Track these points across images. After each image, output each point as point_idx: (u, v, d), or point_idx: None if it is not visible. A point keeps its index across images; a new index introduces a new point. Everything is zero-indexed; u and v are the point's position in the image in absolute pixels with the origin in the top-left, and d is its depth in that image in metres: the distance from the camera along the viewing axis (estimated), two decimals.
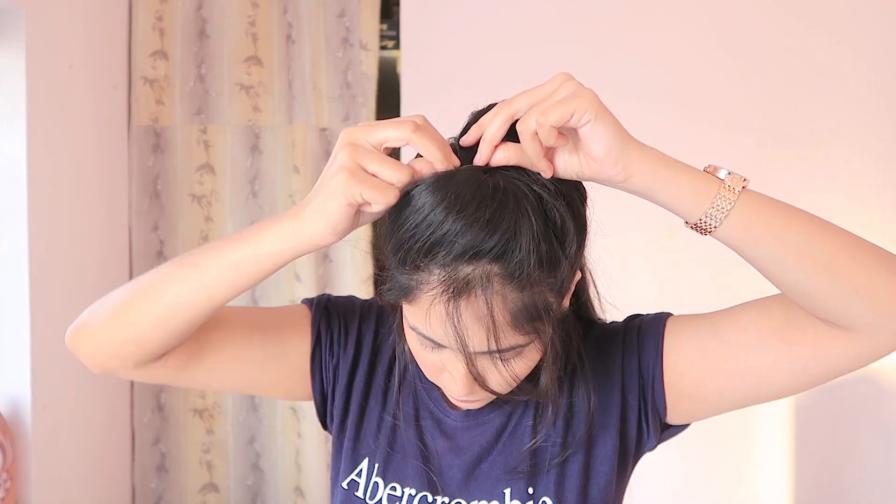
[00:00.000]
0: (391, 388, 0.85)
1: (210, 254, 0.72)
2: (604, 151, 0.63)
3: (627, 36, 2.21)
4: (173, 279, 0.73)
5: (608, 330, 0.84)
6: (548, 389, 0.77)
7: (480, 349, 0.67)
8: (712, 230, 0.65)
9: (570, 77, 0.64)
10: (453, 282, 0.64)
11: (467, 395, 0.73)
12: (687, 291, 2.17)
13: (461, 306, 0.65)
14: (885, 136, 2.15)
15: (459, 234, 0.63)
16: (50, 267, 1.86)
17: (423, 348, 0.73)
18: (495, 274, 0.64)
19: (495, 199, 0.64)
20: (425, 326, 0.68)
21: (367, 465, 0.84)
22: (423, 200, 0.65)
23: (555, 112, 0.62)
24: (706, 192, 0.64)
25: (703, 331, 0.77)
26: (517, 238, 0.64)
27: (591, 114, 0.62)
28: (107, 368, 0.78)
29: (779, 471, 2.19)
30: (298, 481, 2.29)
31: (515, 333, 0.67)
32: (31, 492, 1.78)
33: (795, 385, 0.74)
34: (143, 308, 0.74)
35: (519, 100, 0.65)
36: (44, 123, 1.83)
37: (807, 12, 2.17)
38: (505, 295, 0.65)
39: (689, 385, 0.78)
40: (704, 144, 2.15)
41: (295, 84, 2.27)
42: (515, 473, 0.80)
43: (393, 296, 0.69)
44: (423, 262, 0.65)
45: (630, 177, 0.65)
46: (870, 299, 0.65)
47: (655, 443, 0.83)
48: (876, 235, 1.26)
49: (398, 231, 0.67)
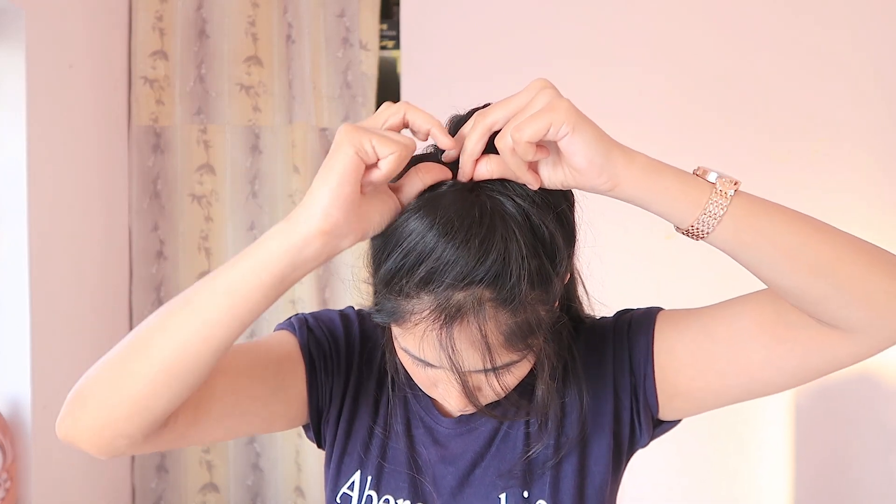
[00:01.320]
0: (381, 399, 0.85)
1: (200, 287, 0.65)
2: (586, 163, 0.62)
3: (627, 35, 2.21)
4: (166, 326, 0.65)
5: (598, 326, 0.83)
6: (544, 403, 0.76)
7: (475, 368, 0.67)
8: (705, 236, 0.64)
9: (546, 85, 0.62)
10: (445, 309, 0.64)
11: (463, 407, 0.73)
12: (686, 292, 2.16)
13: (454, 332, 0.64)
14: (886, 132, 2.15)
15: (451, 264, 0.62)
16: (50, 267, 1.86)
17: (416, 366, 0.72)
18: (487, 299, 0.64)
19: (483, 223, 0.63)
20: (417, 350, 0.68)
21: (359, 477, 0.83)
22: (412, 227, 0.64)
23: (529, 127, 0.60)
24: (697, 198, 0.63)
25: (694, 327, 0.76)
26: (508, 264, 0.63)
27: (568, 126, 0.60)
28: (114, 450, 0.68)
29: (778, 470, 2.19)
30: (298, 481, 2.29)
31: (509, 352, 0.67)
32: (31, 492, 1.78)
33: (787, 381, 0.74)
34: (142, 368, 0.64)
35: (495, 111, 0.64)
36: (44, 123, 1.83)
37: (807, 7, 2.17)
38: (497, 318, 0.64)
39: (680, 382, 0.77)
40: (704, 140, 2.15)
41: (295, 84, 2.27)
42: (510, 478, 0.79)
43: (382, 319, 0.69)
44: (413, 290, 0.64)
45: (617, 185, 0.63)
46: (865, 301, 0.64)
47: (648, 439, 0.83)
48: (875, 232, 1.26)
49: (387, 258, 0.66)
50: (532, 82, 0.63)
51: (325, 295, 2.29)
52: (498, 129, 0.64)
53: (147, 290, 2.30)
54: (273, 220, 2.30)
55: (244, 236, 2.31)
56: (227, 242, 2.31)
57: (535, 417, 0.80)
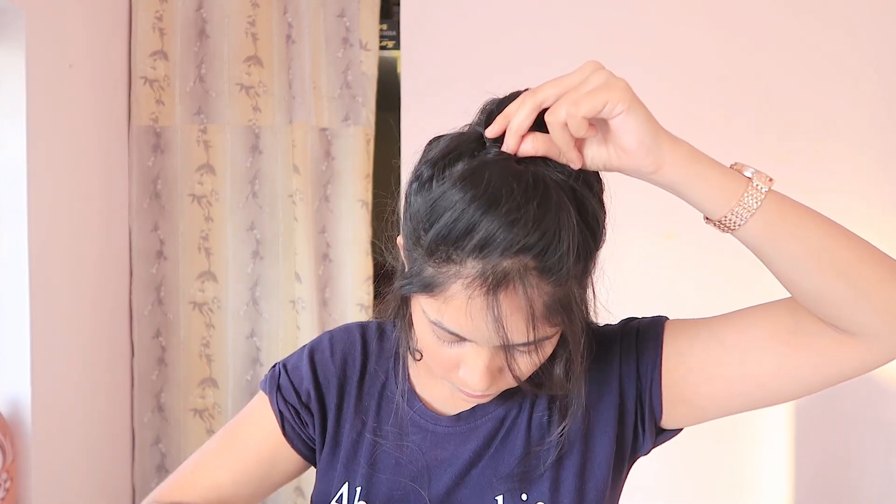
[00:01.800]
0: (370, 409, 0.84)
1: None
2: (636, 143, 0.63)
3: (627, 35, 2.21)
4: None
5: (603, 332, 0.83)
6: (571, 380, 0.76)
7: (518, 340, 0.66)
8: (736, 228, 0.65)
9: (600, 66, 0.63)
10: (492, 275, 0.62)
11: (486, 388, 0.71)
12: (686, 292, 2.17)
13: (500, 298, 0.63)
14: (886, 132, 2.15)
15: (502, 228, 0.61)
16: (50, 267, 1.86)
17: (441, 344, 0.70)
18: (532, 267, 0.63)
19: (538, 190, 0.62)
20: (455, 319, 0.66)
21: (346, 490, 0.82)
22: (460, 192, 0.63)
23: (587, 102, 0.61)
24: (735, 190, 0.64)
25: (704, 335, 0.76)
26: (560, 234, 0.62)
27: (624, 105, 0.61)
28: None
29: (778, 470, 2.19)
30: (299, 481, 2.29)
31: (547, 325, 0.66)
32: (31, 492, 1.78)
33: (796, 390, 0.74)
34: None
35: (546, 88, 0.64)
36: (44, 123, 1.82)
37: (808, 7, 2.17)
38: (540, 287, 0.64)
39: (687, 390, 0.77)
40: (704, 140, 2.14)
41: (295, 84, 2.27)
42: (508, 480, 0.78)
43: (415, 289, 0.67)
44: (459, 255, 0.63)
45: (660, 168, 0.64)
46: (882, 308, 0.66)
47: (651, 446, 0.82)
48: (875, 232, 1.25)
49: (432, 225, 0.64)
50: (585, 63, 0.64)
51: (326, 295, 2.29)
52: (546, 107, 0.64)
53: (147, 290, 2.30)
54: (273, 220, 2.30)
55: (244, 236, 2.31)
56: (227, 242, 2.31)
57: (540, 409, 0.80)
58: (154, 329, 2.31)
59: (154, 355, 2.31)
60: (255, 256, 2.31)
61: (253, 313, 2.31)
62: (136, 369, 2.30)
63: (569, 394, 0.80)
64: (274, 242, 2.31)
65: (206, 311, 2.31)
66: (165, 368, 2.32)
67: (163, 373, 2.32)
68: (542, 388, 0.78)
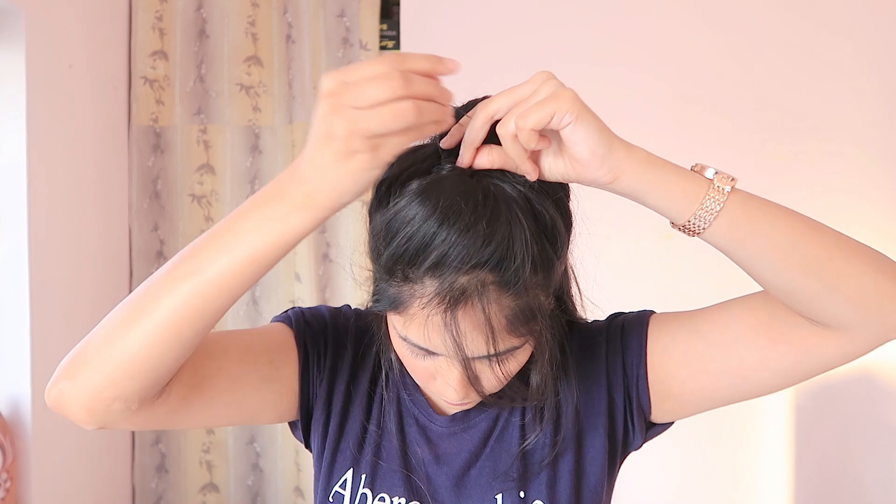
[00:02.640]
0: (375, 397, 0.84)
1: (205, 254, 0.63)
2: (588, 153, 0.62)
3: (627, 37, 2.21)
4: (168, 291, 0.64)
5: (590, 329, 0.83)
6: (541, 390, 0.76)
7: (479, 354, 0.67)
8: (701, 231, 0.64)
9: (550, 76, 0.62)
10: (449, 292, 0.63)
11: (462, 399, 0.72)
12: (684, 292, 2.16)
13: (458, 316, 0.64)
14: (886, 132, 2.15)
15: (454, 246, 0.62)
16: (50, 267, 1.86)
17: (415, 357, 0.71)
18: (490, 282, 0.63)
19: (487, 206, 0.63)
20: (419, 336, 0.67)
21: (351, 475, 0.82)
22: (413, 211, 0.63)
23: (534, 115, 0.60)
24: (694, 193, 0.63)
25: (687, 329, 0.77)
26: (512, 247, 0.63)
27: (572, 115, 0.60)
28: (108, 415, 0.67)
29: (778, 470, 2.19)
30: (298, 481, 2.29)
31: (511, 336, 0.67)
32: (31, 492, 1.78)
33: (780, 382, 0.74)
34: (151, 320, 0.64)
35: (498, 100, 0.63)
36: (44, 123, 1.83)
37: (807, 7, 2.17)
38: (500, 301, 0.64)
39: (673, 384, 0.78)
40: (704, 139, 2.15)
41: (295, 84, 2.27)
42: (506, 478, 0.79)
43: (382, 307, 0.69)
44: (416, 273, 0.64)
45: (617, 178, 0.63)
46: (856, 300, 0.65)
47: (641, 441, 0.83)
48: (874, 231, 1.26)
49: (388, 244, 0.65)
50: (536, 74, 0.63)
51: (326, 295, 2.29)
52: (499, 119, 0.63)
53: None
54: None
55: None
56: None
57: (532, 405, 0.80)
58: None
59: None
60: None
61: (253, 313, 2.31)
62: None
63: (562, 391, 0.80)
64: None
65: None
66: None
67: None
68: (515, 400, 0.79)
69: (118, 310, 0.67)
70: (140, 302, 0.65)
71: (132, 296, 0.67)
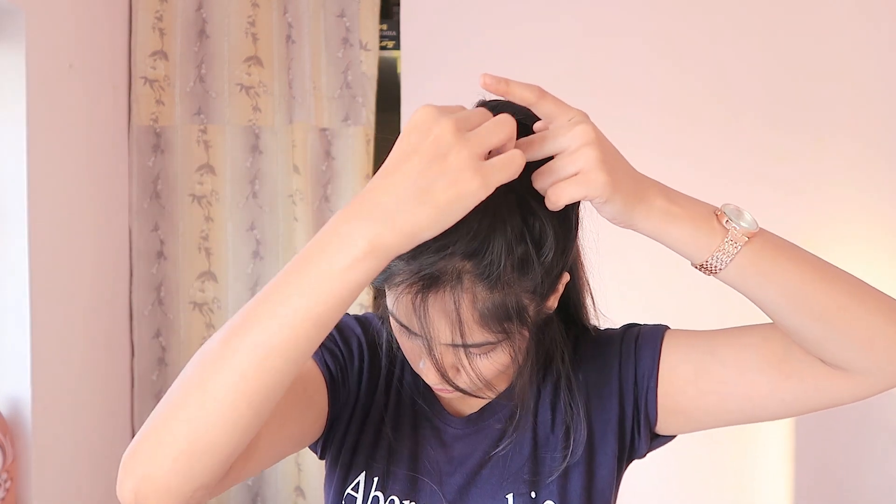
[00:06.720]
0: (390, 400, 0.85)
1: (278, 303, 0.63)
2: (609, 217, 0.65)
3: (628, 34, 2.21)
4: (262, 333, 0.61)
5: (604, 336, 0.85)
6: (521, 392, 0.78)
7: (444, 342, 0.68)
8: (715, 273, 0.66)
9: (589, 139, 0.62)
10: (423, 275, 0.65)
11: (438, 384, 0.74)
12: (684, 292, 2.16)
13: (429, 299, 0.66)
14: (889, 128, 2.15)
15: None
16: (50, 267, 1.86)
17: (401, 335, 0.74)
18: (467, 272, 0.65)
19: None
20: (400, 313, 0.69)
21: (364, 478, 0.83)
22: None
23: (566, 194, 0.62)
24: (707, 246, 0.65)
25: (701, 349, 0.78)
26: (490, 239, 0.64)
27: (602, 199, 0.62)
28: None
29: (778, 471, 2.19)
30: (298, 481, 2.29)
31: (483, 331, 0.67)
32: (31, 492, 1.78)
33: (788, 412, 0.76)
34: (226, 386, 0.58)
35: (534, 147, 0.64)
36: (44, 123, 1.82)
37: (811, 3, 2.17)
38: (475, 293, 0.65)
39: (682, 400, 0.79)
40: (708, 137, 2.14)
41: (295, 84, 2.27)
42: (517, 479, 0.80)
43: (378, 281, 0.70)
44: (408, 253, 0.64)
45: (632, 227, 0.66)
46: (867, 347, 0.67)
47: (646, 451, 0.84)
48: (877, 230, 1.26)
49: None
50: (577, 129, 0.62)
51: None
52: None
53: (147, 290, 2.30)
54: (273, 221, 2.30)
55: (244, 236, 2.31)
56: (227, 242, 2.31)
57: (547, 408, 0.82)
58: (154, 329, 2.31)
59: (154, 355, 2.31)
60: (255, 256, 2.31)
61: None
62: (137, 369, 2.30)
63: (573, 395, 0.81)
64: (274, 242, 2.31)
65: (207, 312, 2.31)
66: (165, 369, 2.32)
67: (163, 373, 2.32)
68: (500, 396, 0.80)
69: (185, 382, 0.61)
70: (210, 367, 0.60)
71: (194, 363, 0.61)
